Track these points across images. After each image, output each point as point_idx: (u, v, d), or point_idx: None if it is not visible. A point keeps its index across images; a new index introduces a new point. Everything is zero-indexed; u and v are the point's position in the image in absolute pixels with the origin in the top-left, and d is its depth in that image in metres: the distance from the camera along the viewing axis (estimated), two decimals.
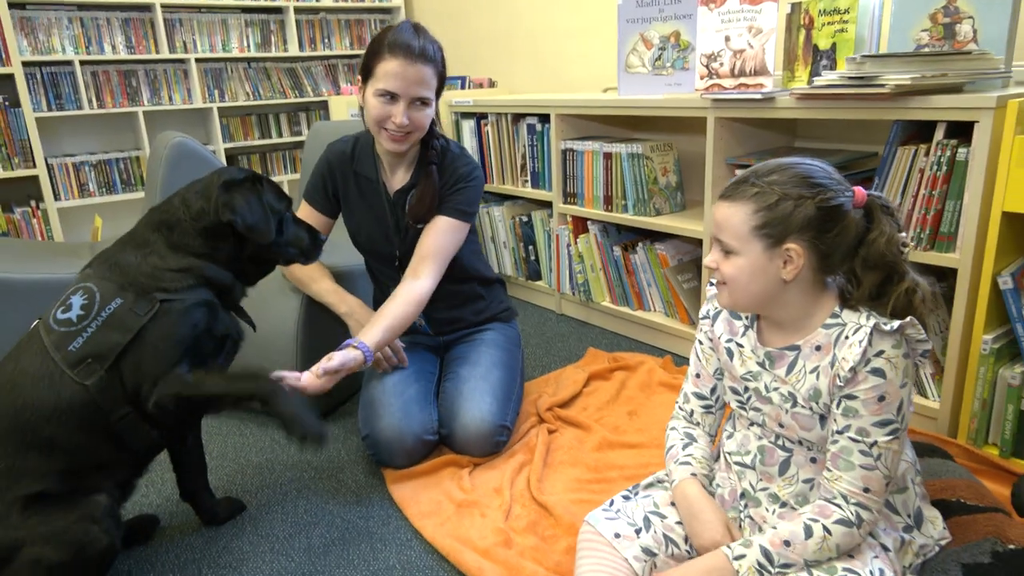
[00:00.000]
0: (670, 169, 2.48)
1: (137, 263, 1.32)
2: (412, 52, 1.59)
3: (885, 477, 1.05)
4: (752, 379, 1.18)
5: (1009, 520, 1.28)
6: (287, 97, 4.55)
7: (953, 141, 1.58)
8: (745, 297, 1.11)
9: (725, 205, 1.09)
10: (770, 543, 1.05)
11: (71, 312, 1.27)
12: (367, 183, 1.81)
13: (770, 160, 1.11)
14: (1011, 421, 1.56)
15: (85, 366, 1.25)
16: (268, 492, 1.72)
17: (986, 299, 1.54)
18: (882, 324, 1.03)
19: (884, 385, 1.02)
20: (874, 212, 1.07)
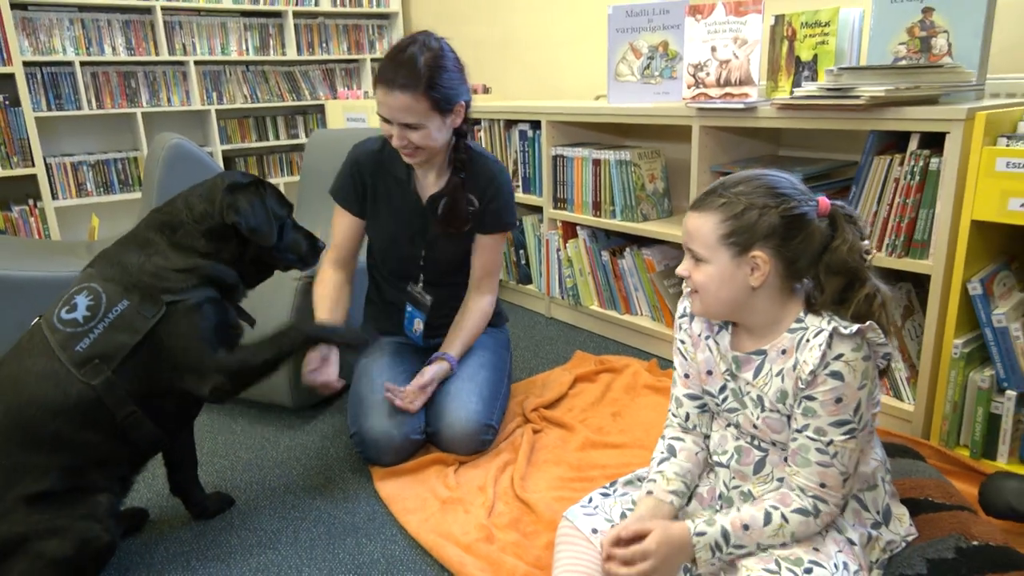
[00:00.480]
0: (657, 176, 2.53)
1: (140, 263, 1.35)
2: (388, 81, 1.60)
3: (841, 474, 1.09)
4: (731, 379, 1.21)
5: (975, 518, 1.32)
6: (285, 100, 4.60)
7: (926, 151, 1.63)
8: (716, 304, 1.15)
9: (695, 215, 1.14)
10: (731, 524, 1.09)
11: (76, 312, 1.30)
12: (397, 184, 1.83)
13: (739, 172, 1.16)
14: (980, 423, 1.61)
15: (92, 366, 1.27)
16: (257, 488, 1.75)
17: (956, 305, 1.59)
18: (841, 328, 1.07)
19: (842, 387, 1.07)
20: (838, 221, 1.12)
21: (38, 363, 1.28)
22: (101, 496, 1.30)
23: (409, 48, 1.62)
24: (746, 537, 1.09)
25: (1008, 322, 1.54)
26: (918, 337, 1.82)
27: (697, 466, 1.27)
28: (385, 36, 4.92)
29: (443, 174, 1.82)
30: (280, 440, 1.98)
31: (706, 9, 2.12)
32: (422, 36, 1.66)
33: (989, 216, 1.50)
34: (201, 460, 1.87)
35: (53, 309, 1.33)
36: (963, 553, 1.23)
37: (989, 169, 1.48)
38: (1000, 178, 1.46)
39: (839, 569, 1.11)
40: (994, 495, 1.37)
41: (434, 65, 1.62)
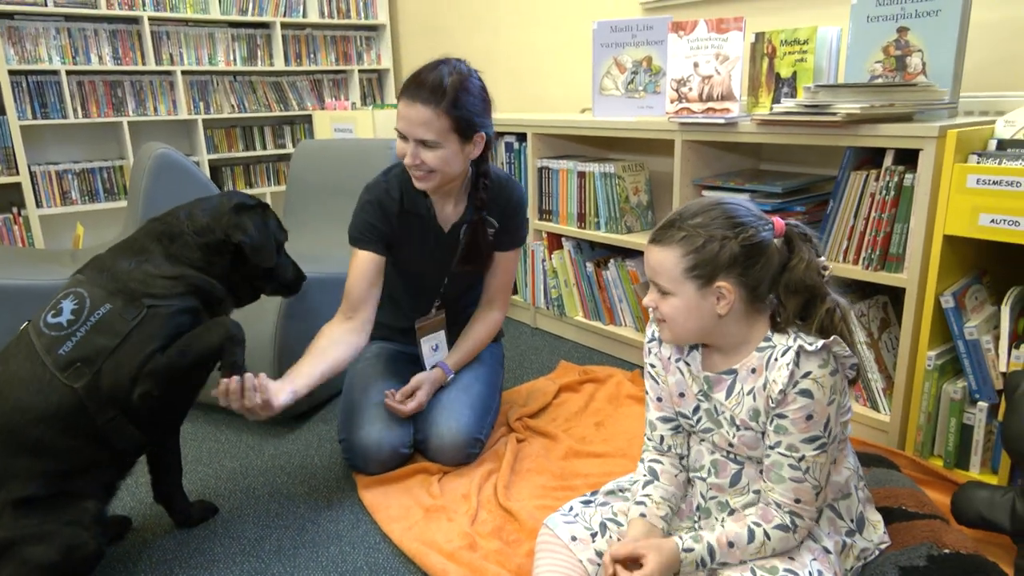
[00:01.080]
0: (641, 189, 2.57)
1: (130, 270, 1.36)
2: (412, 92, 1.59)
3: (814, 488, 1.12)
4: (704, 399, 1.23)
5: (946, 527, 1.35)
6: (272, 110, 4.60)
7: (901, 167, 1.68)
8: (684, 333, 1.17)
9: (657, 250, 1.14)
10: (716, 541, 1.12)
11: (61, 316, 1.31)
12: (418, 220, 1.79)
13: (695, 201, 1.18)
14: (954, 434, 1.64)
15: (74, 369, 1.28)
16: (241, 496, 1.75)
17: (930, 317, 1.63)
18: (806, 345, 1.09)
19: (811, 405, 1.09)
20: (793, 241, 1.14)
21: (23, 367, 1.28)
22: (87, 502, 1.30)
23: (439, 67, 1.61)
24: (731, 554, 1.12)
25: (979, 335, 1.58)
26: (894, 349, 1.86)
27: (679, 488, 1.28)
28: (373, 48, 4.95)
29: (460, 203, 1.81)
30: (264, 448, 1.98)
31: (689, 26, 2.16)
32: (454, 60, 1.65)
33: (961, 231, 1.54)
34: (185, 468, 1.87)
35: (41, 314, 1.34)
36: (935, 561, 1.25)
37: (960, 185, 1.52)
38: (971, 194, 1.50)
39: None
40: (965, 505, 1.40)
41: (460, 87, 1.60)
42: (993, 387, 1.58)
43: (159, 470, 1.56)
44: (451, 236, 1.82)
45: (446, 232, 1.81)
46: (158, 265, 1.38)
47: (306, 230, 2.84)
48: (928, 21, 1.78)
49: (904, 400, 1.74)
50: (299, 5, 4.59)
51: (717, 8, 2.64)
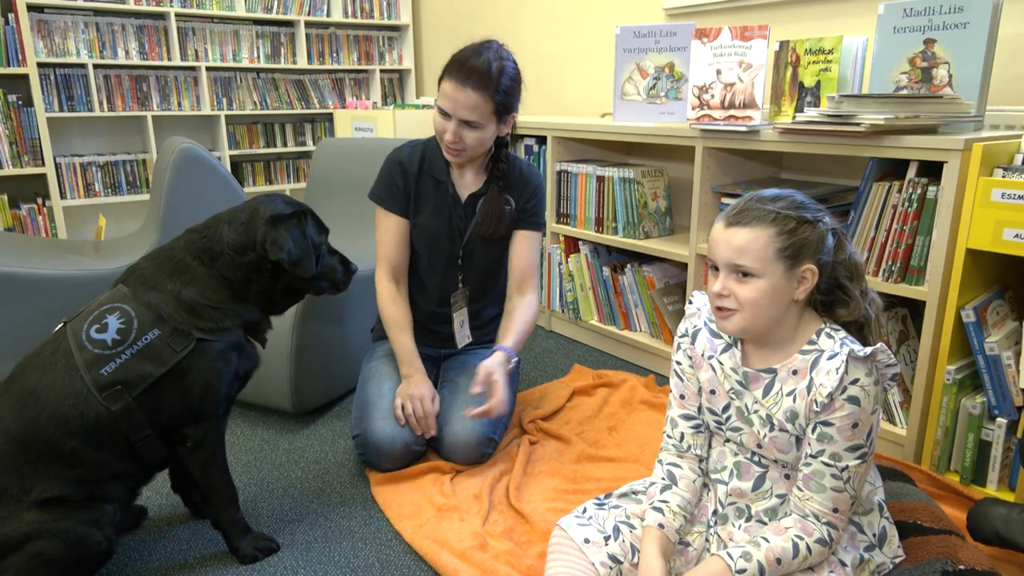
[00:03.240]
0: (660, 194, 2.56)
1: (176, 291, 1.35)
2: (463, 78, 1.68)
3: (851, 498, 1.12)
4: (736, 397, 1.23)
5: (962, 543, 1.34)
6: (294, 108, 4.64)
7: (924, 179, 1.66)
8: (763, 320, 1.14)
9: (744, 231, 1.12)
10: (766, 559, 1.10)
11: (106, 334, 1.30)
12: (437, 185, 1.88)
13: (762, 191, 1.18)
14: (971, 449, 1.63)
15: (113, 391, 1.28)
16: (255, 489, 1.77)
17: (950, 331, 1.61)
18: (856, 351, 1.09)
19: (858, 412, 1.09)
20: (840, 237, 1.17)
21: (61, 379, 1.28)
22: (109, 505, 1.32)
23: (484, 53, 1.72)
24: (778, 570, 1.11)
25: (1000, 350, 1.56)
26: (912, 362, 1.84)
27: (695, 495, 1.27)
28: (395, 48, 4.97)
29: (480, 174, 1.89)
30: (279, 443, 2.00)
31: (712, 33, 2.16)
32: (495, 44, 1.76)
33: (984, 245, 1.53)
34: None
35: (82, 324, 1.32)
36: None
37: (985, 199, 1.51)
38: (995, 208, 1.49)
39: None
40: (982, 521, 1.39)
41: (503, 72, 1.72)
42: (1013, 403, 1.57)
43: (178, 462, 1.58)
44: (468, 206, 1.88)
45: (463, 202, 1.88)
46: (203, 291, 1.37)
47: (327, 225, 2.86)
48: (956, 33, 1.76)
49: (922, 414, 1.72)
50: (323, 4, 4.62)
51: (741, 16, 2.63)
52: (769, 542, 1.11)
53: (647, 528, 1.22)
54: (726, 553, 1.11)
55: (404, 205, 1.89)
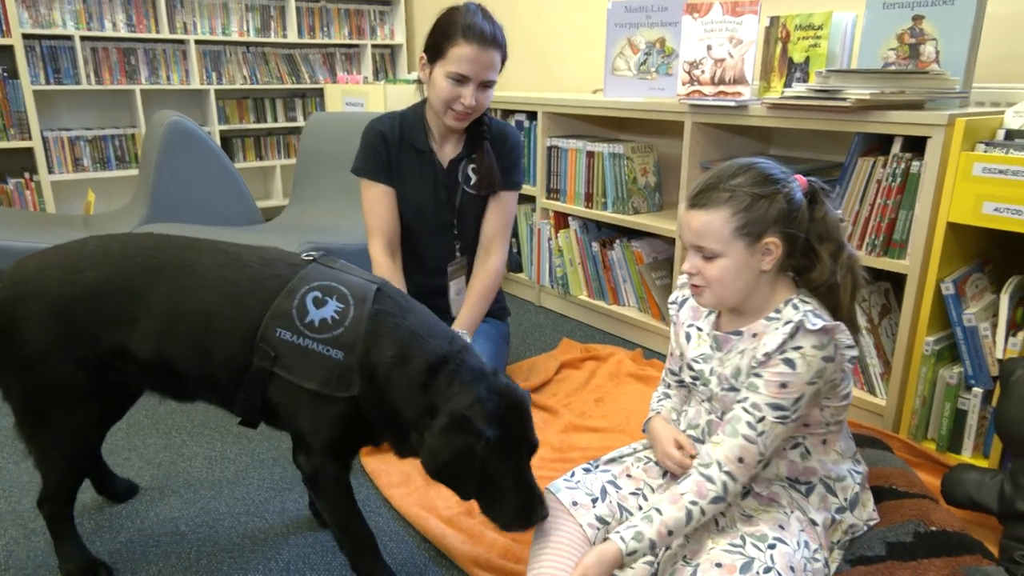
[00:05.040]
0: (649, 170, 2.58)
1: (386, 358, 1.17)
2: (486, 39, 1.72)
3: (760, 454, 1.14)
4: (702, 361, 1.28)
5: (935, 506, 1.38)
6: (284, 83, 4.60)
7: (908, 155, 1.69)
8: (732, 294, 1.19)
9: (701, 213, 1.16)
10: (657, 534, 1.13)
11: (317, 311, 1.17)
12: (419, 154, 1.90)
13: (725, 165, 1.20)
14: (948, 418, 1.67)
15: (265, 352, 1.16)
16: (246, 459, 1.79)
17: (930, 304, 1.65)
18: (808, 324, 1.12)
19: (790, 375, 1.12)
20: (816, 194, 1.18)
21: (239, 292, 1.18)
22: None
23: (481, 13, 1.78)
24: (671, 539, 1.14)
25: (978, 322, 1.60)
26: (893, 335, 1.88)
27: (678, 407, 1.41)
28: (386, 23, 4.93)
29: (460, 140, 1.91)
30: None
31: (704, 8, 2.16)
32: (473, 5, 1.81)
33: (964, 219, 1.56)
34: (193, 431, 1.92)
35: (309, 282, 1.19)
36: (921, 537, 1.28)
37: (966, 173, 1.53)
38: (976, 182, 1.52)
39: (800, 547, 1.17)
40: (955, 486, 1.43)
41: (499, 28, 1.80)
42: (989, 373, 1.60)
43: None
44: (451, 172, 1.90)
45: (446, 168, 1.90)
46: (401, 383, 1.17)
47: (316, 201, 2.86)
48: (944, 10, 1.78)
49: (901, 384, 1.76)
50: None
51: None
52: (662, 514, 1.13)
53: (651, 419, 1.38)
54: (618, 536, 1.13)
55: (389, 174, 1.90)
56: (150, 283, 1.19)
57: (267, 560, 1.43)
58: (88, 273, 1.19)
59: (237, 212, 2.84)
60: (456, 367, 1.17)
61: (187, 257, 1.22)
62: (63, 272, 1.19)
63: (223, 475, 1.72)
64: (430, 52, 1.79)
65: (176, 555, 1.44)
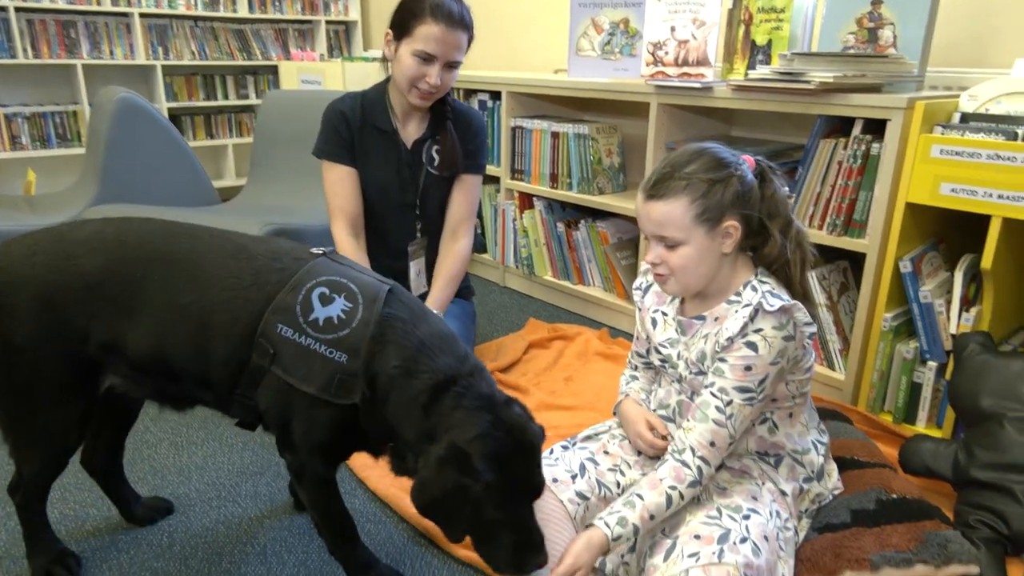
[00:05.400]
0: (614, 151, 2.60)
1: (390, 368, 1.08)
2: (454, 19, 1.70)
3: (730, 436, 1.18)
4: (668, 346, 1.31)
5: (894, 474, 1.45)
6: (235, 59, 4.46)
7: (868, 136, 1.74)
8: (697, 280, 1.21)
9: (660, 204, 1.17)
10: (640, 519, 1.14)
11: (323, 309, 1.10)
12: (382, 135, 1.87)
13: (677, 152, 1.22)
14: (904, 391, 1.74)
15: (264, 349, 1.09)
16: (213, 444, 1.76)
17: (888, 281, 1.71)
18: (766, 306, 1.15)
19: (753, 358, 1.15)
20: (765, 173, 1.21)
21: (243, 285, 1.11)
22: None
23: None
24: (652, 524, 1.16)
25: (933, 299, 1.66)
26: (851, 312, 1.94)
27: (647, 389, 1.44)
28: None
29: (423, 121, 1.89)
30: None
31: None
32: None
33: (922, 199, 1.61)
34: (156, 416, 1.87)
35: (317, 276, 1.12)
36: (883, 504, 1.34)
37: (925, 155, 1.59)
38: (934, 164, 1.57)
39: (773, 516, 1.21)
40: (912, 455, 1.50)
41: (466, 7, 1.78)
42: (943, 348, 1.68)
43: None
44: (415, 153, 1.88)
45: (409, 148, 1.88)
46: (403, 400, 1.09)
47: (274, 181, 2.80)
48: None
49: (859, 359, 1.83)
50: None
51: None
52: (644, 499, 1.15)
53: (622, 402, 1.42)
54: (603, 522, 1.14)
55: (351, 155, 1.88)
56: (147, 273, 1.12)
57: (242, 544, 1.41)
58: (81, 261, 1.12)
59: (192, 192, 2.76)
60: (463, 390, 1.07)
61: (188, 246, 1.15)
62: (54, 258, 1.12)
63: (190, 461, 1.69)
64: (396, 29, 1.76)
65: (147, 542, 1.41)
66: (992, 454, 1.38)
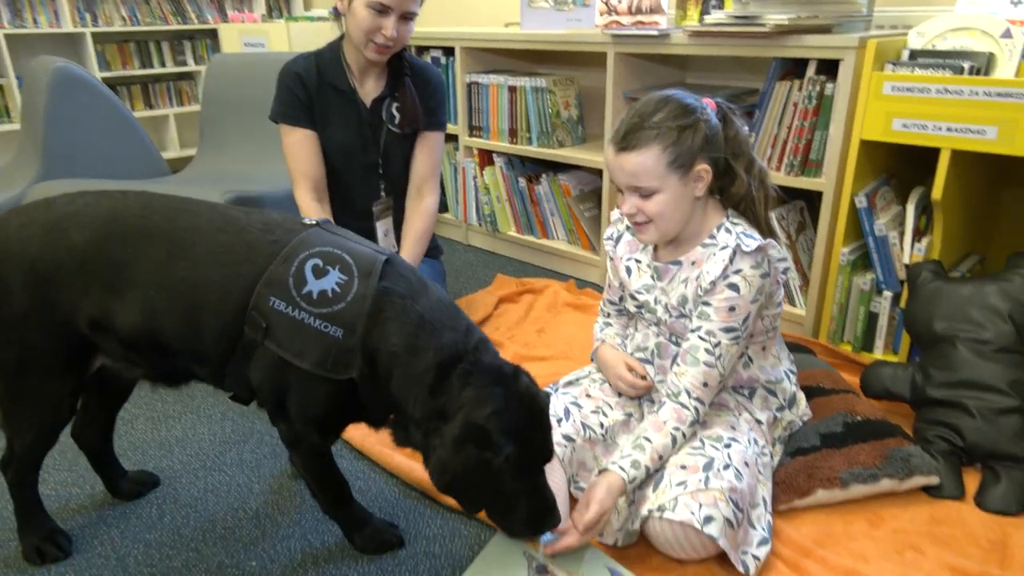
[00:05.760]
0: (571, 103, 2.60)
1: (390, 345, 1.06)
2: None
3: (721, 376, 1.24)
4: (645, 292, 1.35)
5: (858, 399, 1.53)
6: (169, 24, 4.28)
7: (822, 77, 1.78)
8: (674, 226, 1.25)
9: (632, 155, 1.20)
10: (650, 460, 1.20)
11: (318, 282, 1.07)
12: (340, 94, 1.83)
13: (642, 101, 1.24)
14: (862, 321, 1.83)
15: (257, 322, 1.07)
16: (191, 416, 1.75)
17: (845, 217, 1.78)
18: (743, 247, 1.20)
19: (736, 298, 1.20)
20: (726, 114, 1.25)
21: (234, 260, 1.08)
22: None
23: None
24: (662, 463, 1.22)
25: (887, 231, 1.74)
26: (809, 250, 2.02)
27: (621, 334, 1.49)
28: None
29: (380, 78, 1.85)
30: None
31: None
32: None
33: (876, 136, 1.67)
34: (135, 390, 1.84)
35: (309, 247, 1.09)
36: (849, 427, 1.43)
37: (877, 92, 1.64)
38: (886, 101, 1.63)
39: (751, 444, 1.28)
40: (873, 380, 1.58)
41: None
42: (897, 278, 1.76)
43: None
44: (374, 111, 1.86)
45: (369, 107, 1.85)
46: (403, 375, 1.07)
47: (227, 149, 2.73)
48: None
49: (819, 294, 1.91)
50: None
51: None
52: (652, 442, 1.21)
53: (598, 348, 1.47)
54: (617, 466, 1.19)
55: (310, 117, 1.84)
56: (140, 248, 1.09)
57: (234, 510, 1.42)
58: (72, 235, 1.09)
59: (141, 164, 2.67)
60: (470, 367, 1.05)
61: (181, 220, 1.12)
62: (46, 231, 1.09)
63: (170, 434, 1.67)
64: None
65: (136, 516, 1.41)
66: (946, 373, 1.47)
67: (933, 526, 1.28)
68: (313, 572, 1.26)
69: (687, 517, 1.12)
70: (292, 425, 1.14)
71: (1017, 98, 1.47)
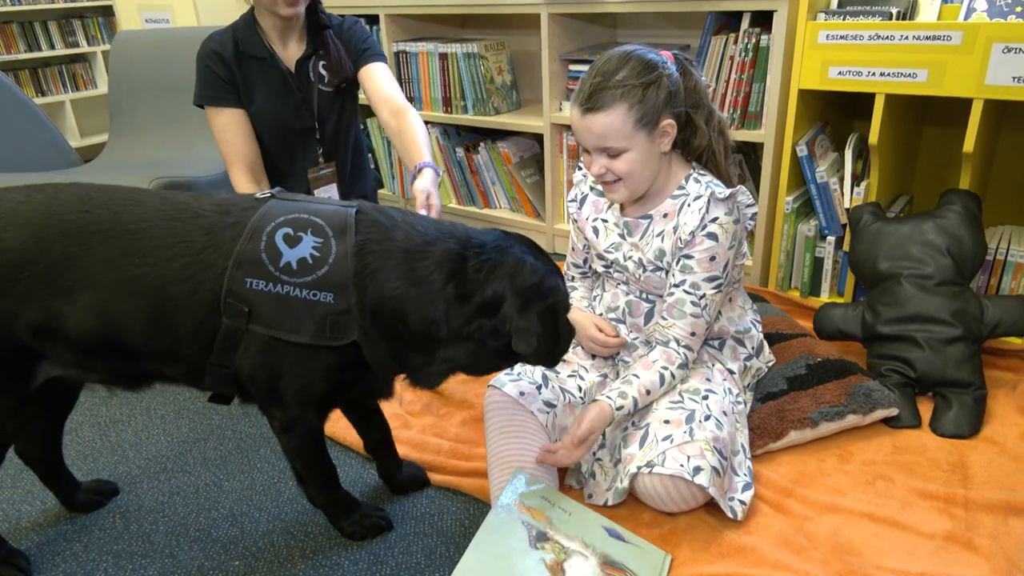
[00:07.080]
0: (504, 68, 2.56)
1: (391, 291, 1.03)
2: None
3: (707, 324, 1.28)
4: (614, 250, 1.34)
5: (815, 341, 1.59)
6: (55, 2, 3.95)
7: (757, 29, 1.81)
8: (642, 182, 1.25)
9: (600, 115, 1.18)
10: (638, 393, 1.23)
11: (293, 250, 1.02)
12: (260, 63, 1.73)
13: (602, 59, 1.22)
14: (808, 267, 1.90)
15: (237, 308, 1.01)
16: (142, 418, 1.65)
17: (787, 166, 1.83)
18: (717, 194, 1.22)
19: (716, 247, 1.22)
20: (684, 66, 1.25)
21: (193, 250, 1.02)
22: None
23: None
24: (648, 398, 1.25)
25: (828, 177, 1.80)
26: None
27: (588, 296, 1.49)
28: None
29: (301, 40, 1.76)
30: None
31: None
32: None
33: (813, 84, 1.72)
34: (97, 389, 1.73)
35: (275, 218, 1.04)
36: (812, 368, 1.48)
37: (812, 41, 1.68)
38: (822, 49, 1.67)
39: (726, 393, 1.31)
40: (825, 322, 1.65)
41: None
42: (839, 223, 1.83)
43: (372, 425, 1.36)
44: (300, 73, 1.77)
45: (293, 70, 1.77)
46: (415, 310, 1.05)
47: (143, 133, 2.56)
48: None
49: (765, 243, 1.96)
50: None
51: None
52: (639, 378, 1.24)
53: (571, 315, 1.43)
54: (605, 396, 1.23)
55: (235, 95, 1.74)
56: (86, 246, 1.00)
57: (206, 511, 1.36)
58: (6, 235, 0.99)
59: (49, 154, 2.47)
60: (477, 256, 1.06)
61: (126, 213, 1.03)
62: None
63: (121, 439, 1.58)
64: None
65: (99, 527, 1.33)
66: (894, 310, 1.55)
67: (897, 455, 1.35)
68: (303, 565, 1.22)
69: (677, 470, 1.15)
70: (287, 410, 1.09)
71: (944, 40, 1.54)
